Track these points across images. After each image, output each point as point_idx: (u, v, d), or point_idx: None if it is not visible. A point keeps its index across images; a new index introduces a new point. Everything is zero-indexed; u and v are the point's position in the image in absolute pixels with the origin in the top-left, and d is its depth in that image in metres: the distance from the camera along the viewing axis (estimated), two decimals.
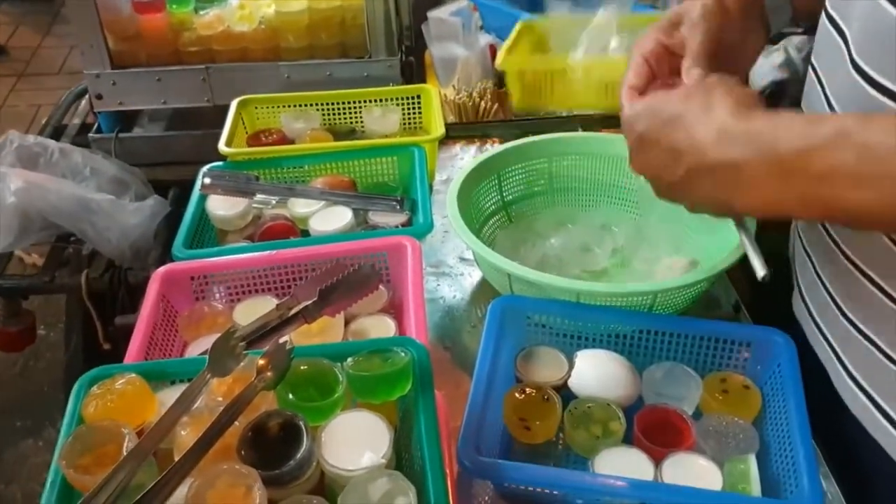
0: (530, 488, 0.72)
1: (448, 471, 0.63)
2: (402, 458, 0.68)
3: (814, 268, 0.80)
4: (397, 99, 1.27)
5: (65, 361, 1.48)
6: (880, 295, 0.69)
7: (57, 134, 1.58)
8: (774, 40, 1.36)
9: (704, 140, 0.63)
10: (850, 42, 0.67)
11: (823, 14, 0.73)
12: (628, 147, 0.72)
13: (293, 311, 0.80)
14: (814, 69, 0.76)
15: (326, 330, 0.83)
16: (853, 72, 0.66)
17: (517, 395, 0.78)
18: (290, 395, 0.66)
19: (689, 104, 0.66)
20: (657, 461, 0.73)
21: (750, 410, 0.79)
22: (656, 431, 0.76)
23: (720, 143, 0.62)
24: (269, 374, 0.65)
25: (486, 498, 0.76)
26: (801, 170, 0.59)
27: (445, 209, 0.97)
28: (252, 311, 0.87)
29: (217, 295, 0.94)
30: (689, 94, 0.67)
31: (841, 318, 0.76)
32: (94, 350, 1.43)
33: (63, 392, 1.62)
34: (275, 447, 0.61)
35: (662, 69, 0.76)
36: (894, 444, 0.72)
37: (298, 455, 0.60)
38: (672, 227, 0.99)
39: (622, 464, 0.73)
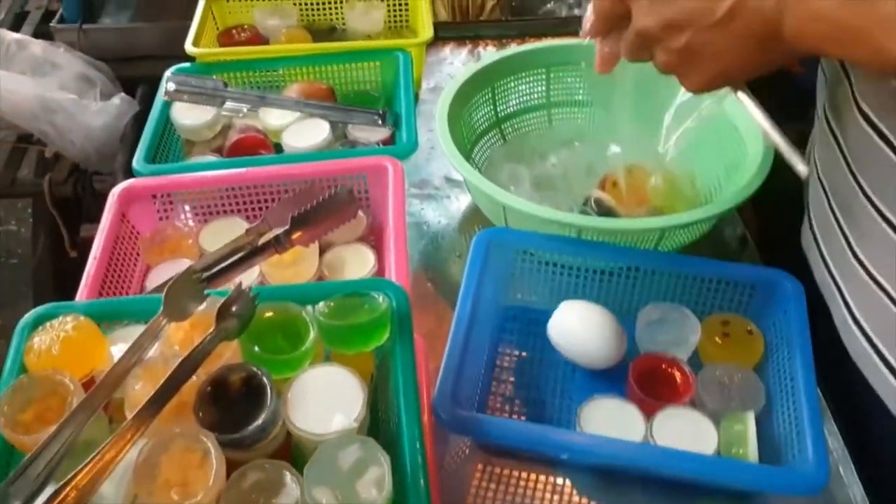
0: None
1: (426, 422, 0.58)
2: (377, 411, 0.63)
3: (828, 201, 0.73)
4: None
5: (33, 264, 1.41)
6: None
7: (17, 22, 1.46)
8: None
9: None
10: None
11: None
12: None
13: (263, 240, 0.73)
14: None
15: (300, 260, 0.77)
16: None
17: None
18: (256, 347, 0.59)
19: None
20: (649, 416, 0.68)
21: (751, 357, 0.74)
22: (652, 381, 0.71)
23: None
24: (231, 321, 0.59)
25: (465, 449, 0.72)
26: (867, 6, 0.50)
27: (432, 122, 0.88)
28: (220, 233, 0.81)
29: (182, 215, 0.87)
30: None
31: (850, 256, 0.70)
32: (61, 256, 1.37)
33: (32, 291, 1.56)
34: (236, 405, 0.56)
35: None
36: (892, 392, 0.67)
37: (261, 417, 0.54)
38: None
39: (612, 418, 0.68)
